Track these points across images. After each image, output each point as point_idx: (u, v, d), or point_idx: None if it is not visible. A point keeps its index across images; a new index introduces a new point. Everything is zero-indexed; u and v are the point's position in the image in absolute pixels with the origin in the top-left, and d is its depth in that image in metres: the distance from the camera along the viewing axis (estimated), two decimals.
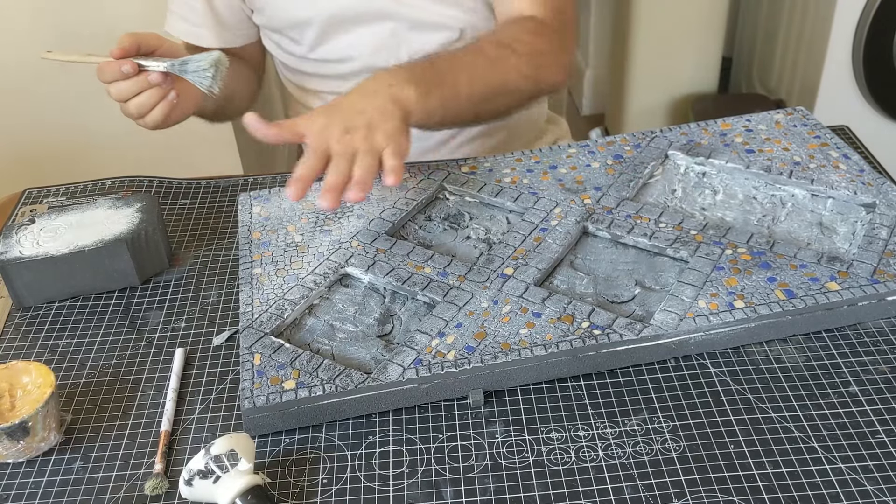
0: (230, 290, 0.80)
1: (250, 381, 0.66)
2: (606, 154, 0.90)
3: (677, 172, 0.87)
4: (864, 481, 0.58)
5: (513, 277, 0.74)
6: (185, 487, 0.58)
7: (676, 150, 0.89)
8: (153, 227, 0.81)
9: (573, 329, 0.68)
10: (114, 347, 0.74)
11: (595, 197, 0.83)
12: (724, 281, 0.72)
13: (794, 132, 0.91)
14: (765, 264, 0.73)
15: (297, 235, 0.82)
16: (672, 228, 0.78)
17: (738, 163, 0.86)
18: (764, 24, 2.20)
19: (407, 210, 0.84)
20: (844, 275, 0.71)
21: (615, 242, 0.79)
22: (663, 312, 0.69)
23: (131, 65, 0.86)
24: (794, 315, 0.68)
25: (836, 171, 0.84)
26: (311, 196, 0.87)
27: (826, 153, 0.87)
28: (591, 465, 0.61)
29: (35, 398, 0.64)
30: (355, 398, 0.65)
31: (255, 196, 0.89)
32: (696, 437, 0.62)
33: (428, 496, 0.59)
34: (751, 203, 0.83)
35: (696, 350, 0.68)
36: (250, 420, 0.64)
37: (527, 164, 0.89)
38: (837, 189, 0.81)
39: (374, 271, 0.76)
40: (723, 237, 0.76)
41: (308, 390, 0.65)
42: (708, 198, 0.84)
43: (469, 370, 0.65)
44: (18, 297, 0.79)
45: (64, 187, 0.97)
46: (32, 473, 0.63)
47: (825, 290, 0.70)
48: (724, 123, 0.93)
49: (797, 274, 0.72)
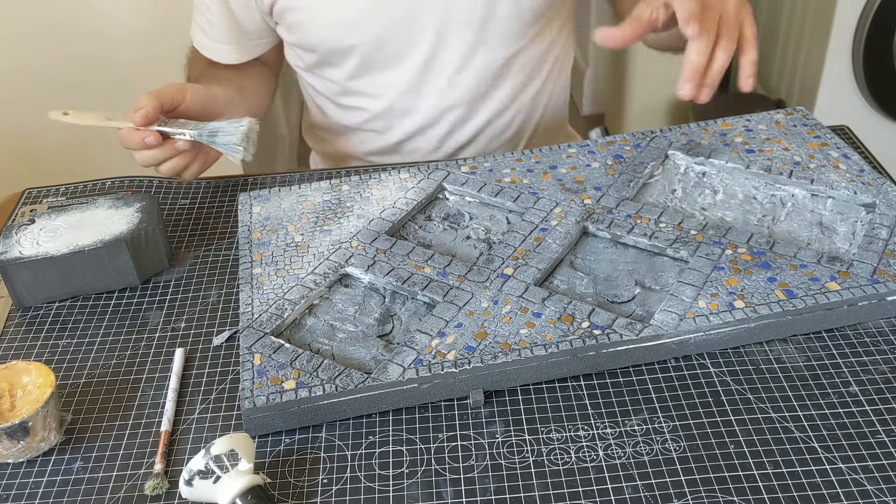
0: (230, 290, 0.80)
1: (250, 381, 0.66)
2: (606, 154, 0.90)
3: (677, 172, 0.87)
4: (864, 481, 0.58)
5: (513, 277, 0.74)
6: (185, 487, 0.58)
7: (676, 149, 0.89)
8: (153, 226, 0.81)
9: (573, 329, 0.68)
10: (114, 347, 0.74)
11: (595, 197, 0.83)
12: (725, 281, 0.72)
13: (794, 132, 0.90)
14: (765, 264, 0.73)
15: (297, 235, 0.82)
16: (672, 228, 0.78)
17: (738, 163, 0.86)
18: (764, 23, 2.19)
19: (407, 210, 0.84)
20: (844, 275, 0.71)
21: (615, 242, 0.79)
22: (663, 312, 0.69)
23: (154, 136, 0.84)
24: (794, 315, 0.68)
25: (836, 170, 0.84)
26: (311, 196, 0.87)
27: (826, 153, 0.86)
28: (592, 465, 0.61)
29: (35, 398, 0.64)
30: (355, 398, 0.65)
31: (255, 196, 0.89)
32: (696, 437, 0.62)
33: (428, 496, 0.59)
34: (751, 203, 0.83)
35: (696, 350, 0.68)
36: (250, 420, 0.64)
37: (527, 164, 0.89)
38: (837, 189, 0.81)
39: (374, 271, 0.76)
40: (723, 237, 0.76)
41: (308, 390, 0.65)
42: (708, 198, 0.84)
43: (469, 370, 0.65)
44: (18, 297, 0.79)
45: (64, 187, 0.97)
46: (32, 473, 0.63)
47: (825, 290, 0.70)
48: (724, 123, 0.93)
49: (797, 274, 0.72)
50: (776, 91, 2.14)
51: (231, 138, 0.83)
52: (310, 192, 0.89)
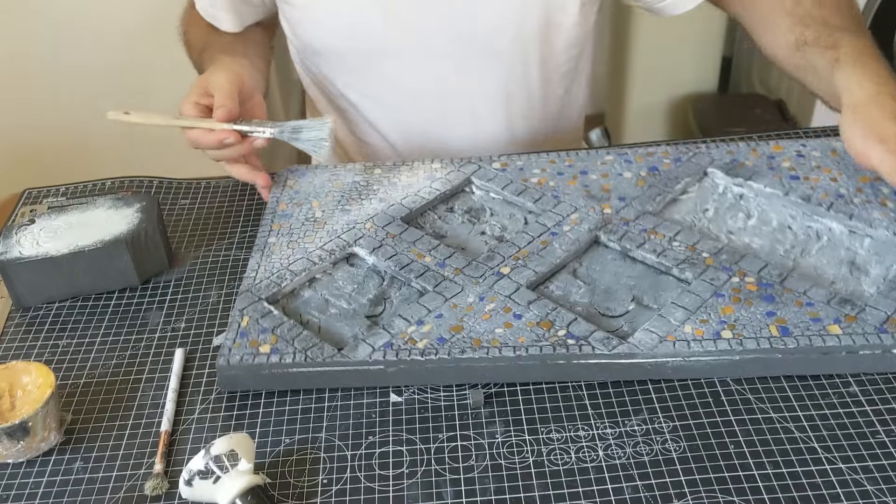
0: (230, 290, 0.80)
1: (231, 341, 0.69)
2: (643, 165, 0.87)
3: (714, 192, 0.83)
4: (864, 481, 0.58)
5: (507, 277, 0.73)
6: (185, 488, 0.58)
7: (717, 168, 0.85)
8: (153, 227, 0.81)
9: (548, 335, 0.67)
10: (114, 347, 0.74)
11: (617, 207, 0.81)
12: (720, 308, 0.68)
13: (848, 162, 0.84)
14: (769, 297, 0.69)
15: (318, 211, 0.84)
16: (685, 248, 0.75)
17: (778, 188, 0.81)
18: None
19: (427, 199, 0.85)
20: (851, 319, 0.66)
21: (624, 255, 0.77)
22: (644, 332, 0.67)
23: (234, 136, 0.83)
24: (783, 353, 0.65)
25: (881, 208, 0.78)
26: (343, 175, 0.89)
27: (877, 188, 0.80)
28: (592, 465, 0.61)
29: (35, 398, 0.64)
30: (322, 371, 0.67)
31: (293, 169, 0.91)
32: (697, 438, 0.62)
33: (428, 496, 0.59)
34: (784, 232, 0.78)
35: (676, 376, 0.66)
36: (223, 377, 0.68)
37: (560, 166, 0.88)
38: (877, 228, 0.76)
39: (378, 254, 0.78)
40: (734, 263, 0.72)
41: (280, 356, 0.67)
42: (739, 221, 0.79)
43: (435, 360, 0.66)
44: (18, 298, 0.79)
45: (64, 187, 0.97)
46: (32, 474, 0.63)
47: (825, 332, 0.65)
48: (776, 146, 0.88)
49: (800, 311, 0.67)
50: (776, 91, 2.14)
51: (318, 133, 0.83)
52: (343, 172, 0.91)
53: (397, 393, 0.67)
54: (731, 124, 2.01)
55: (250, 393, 0.68)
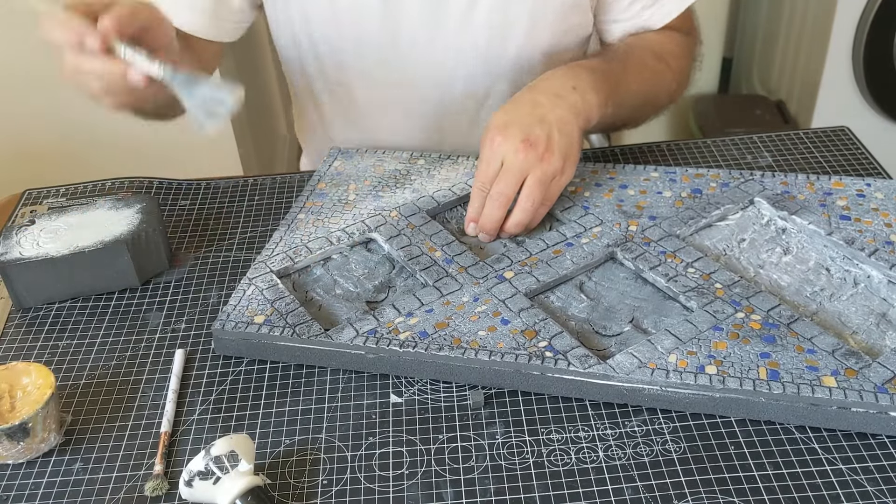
0: (230, 290, 0.80)
1: (232, 307, 0.72)
2: (687, 186, 0.84)
3: (756, 222, 0.80)
4: (864, 482, 0.58)
5: (508, 281, 0.73)
6: (185, 488, 0.58)
7: (764, 198, 0.81)
8: (153, 227, 0.81)
9: (528, 345, 0.66)
10: (114, 348, 0.74)
11: (644, 225, 0.78)
12: (713, 342, 0.65)
13: None
14: (769, 338, 0.65)
15: (352, 194, 0.86)
16: (699, 276, 0.72)
17: (822, 226, 0.77)
18: (764, 24, 2.19)
19: (458, 195, 0.85)
20: (851, 373, 0.62)
21: (636, 275, 0.74)
22: (626, 355, 0.65)
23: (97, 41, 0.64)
24: (767, 398, 0.61)
25: None
26: (387, 163, 0.91)
27: None
28: (592, 466, 0.61)
29: (35, 399, 0.64)
30: (305, 348, 0.69)
31: (343, 151, 0.94)
32: (697, 438, 0.62)
33: (428, 497, 0.59)
34: (818, 273, 0.73)
35: (656, 405, 0.64)
36: (217, 340, 0.71)
37: (602, 176, 0.86)
38: None
39: (393, 242, 0.79)
40: (745, 298, 0.69)
41: (270, 328, 0.69)
42: (774, 256, 0.76)
43: (412, 353, 0.67)
44: (18, 298, 0.79)
45: (64, 188, 0.97)
46: (32, 474, 0.63)
47: (818, 383, 0.61)
48: (837, 182, 0.83)
49: (798, 358, 0.63)
50: (776, 92, 2.14)
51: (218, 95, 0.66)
52: (388, 159, 0.92)
53: (397, 394, 0.67)
54: (731, 125, 2.01)
55: (250, 393, 0.68)
